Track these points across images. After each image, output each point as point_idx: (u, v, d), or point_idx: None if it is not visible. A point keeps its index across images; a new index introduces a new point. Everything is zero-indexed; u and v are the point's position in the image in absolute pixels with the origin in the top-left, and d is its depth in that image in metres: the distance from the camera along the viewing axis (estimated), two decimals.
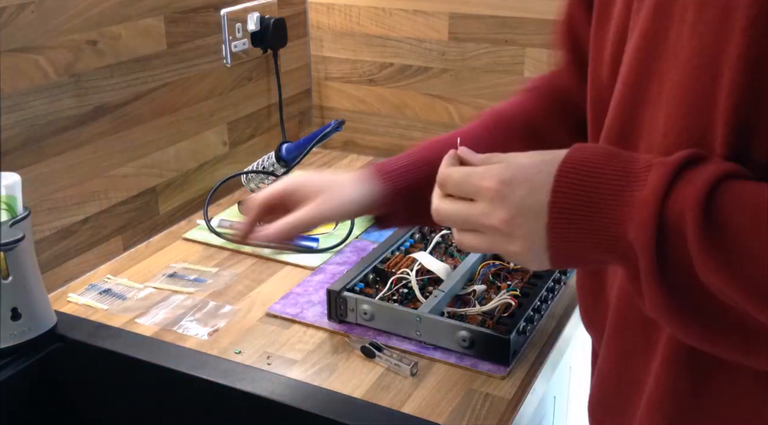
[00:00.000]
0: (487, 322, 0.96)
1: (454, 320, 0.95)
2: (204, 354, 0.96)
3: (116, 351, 0.97)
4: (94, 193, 1.18)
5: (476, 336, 0.93)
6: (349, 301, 1.00)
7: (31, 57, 1.05)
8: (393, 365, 0.93)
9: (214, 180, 1.40)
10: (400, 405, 0.87)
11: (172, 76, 1.29)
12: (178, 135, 1.33)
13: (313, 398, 0.87)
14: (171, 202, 1.33)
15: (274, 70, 1.53)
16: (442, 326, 0.95)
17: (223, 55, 1.40)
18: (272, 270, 1.17)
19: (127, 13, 1.18)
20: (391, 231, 1.26)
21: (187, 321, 1.04)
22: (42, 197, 1.10)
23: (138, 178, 1.26)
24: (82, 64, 1.12)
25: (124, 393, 0.99)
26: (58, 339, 1.00)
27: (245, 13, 1.43)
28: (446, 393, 0.89)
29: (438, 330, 0.95)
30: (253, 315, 1.05)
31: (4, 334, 0.95)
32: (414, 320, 0.96)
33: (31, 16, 1.04)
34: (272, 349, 0.98)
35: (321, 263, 1.18)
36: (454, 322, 0.94)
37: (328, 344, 0.99)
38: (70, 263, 1.16)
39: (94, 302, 1.09)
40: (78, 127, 1.13)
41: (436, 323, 0.95)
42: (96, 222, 1.19)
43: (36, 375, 0.97)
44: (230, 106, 1.44)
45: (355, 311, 0.99)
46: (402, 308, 0.98)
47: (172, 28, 1.27)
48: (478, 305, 1.00)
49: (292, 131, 1.62)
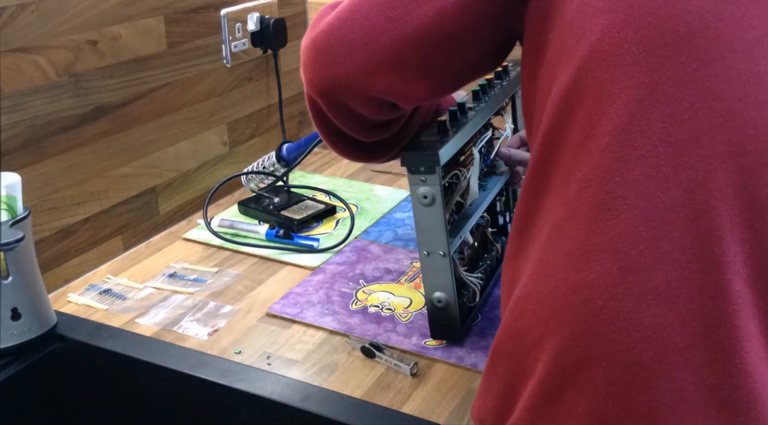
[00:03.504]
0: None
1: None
2: (204, 354, 0.96)
3: (116, 351, 0.97)
4: (94, 193, 1.18)
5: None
6: None
7: (31, 57, 1.05)
8: (393, 365, 0.93)
9: (214, 180, 1.40)
10: (400, 405, 0.87)
11: (172, 77, 1.29)
12: (178, 135, 1.33)
13: (313, 398, 0.88)
14: (171, 202, 1.33)
15: (274, 70, 1.53)
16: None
17: (223, 55, 1.40)
18: (272, 270, 1.17)
19: (127, 13, 1.19)
20: (391, 232, 1.26)
21: (187, 321, 1.04)
22: (42, 197, 1.10)
23: (138, 178, 1.26)
24: (82, 64, 1.12)
25: (125, 393, 0.99)
26: (58, 339, 1.00)
27: (245, 13, 1.43)
28: (446, 393, 0.89)
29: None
30: (253, 315, 1.05)
31: (4, 334, 0.95)
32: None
33: (31, 16, 1.04)
34: (272, 349, 0.98)
35: (321, 263, 1.18)
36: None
37: (328, 344, 0.99)
38: (70, 263, 1.16)
39: (94, 302, 1.09)
40: (78, 127, 1.13)
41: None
42: (96, 222, 1.19)
43: (36, 375, 0.97)
44: (230, 106, 1.44)
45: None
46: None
47: (172, 28, 1.27)
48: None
49: (292, 131, 1.62)
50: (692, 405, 0.58)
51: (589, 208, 0.62)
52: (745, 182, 0.59)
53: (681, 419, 0.58)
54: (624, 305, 0.59)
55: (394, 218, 1.32)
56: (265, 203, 1.33)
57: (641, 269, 0.59)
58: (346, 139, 0.89)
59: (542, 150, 0.67)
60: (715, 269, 0.58)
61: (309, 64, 0.78)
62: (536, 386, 0.63)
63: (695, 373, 0.58)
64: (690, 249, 0.58)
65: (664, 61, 0.60)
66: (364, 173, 1.52)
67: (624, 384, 0.59)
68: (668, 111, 0.60)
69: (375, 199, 1.40)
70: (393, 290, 1.10)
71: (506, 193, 1.18)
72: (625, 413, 0.59)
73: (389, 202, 1.38)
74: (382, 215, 1.33)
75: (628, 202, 0.60)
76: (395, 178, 1.49)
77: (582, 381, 0.60)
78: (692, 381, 0.58)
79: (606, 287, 0.60)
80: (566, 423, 0.61)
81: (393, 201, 1.39)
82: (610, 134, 0.61)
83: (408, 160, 0.88)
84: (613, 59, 0.62)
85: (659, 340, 0.58)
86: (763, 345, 0.59)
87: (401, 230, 1.28)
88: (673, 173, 0.59)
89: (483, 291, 1.01)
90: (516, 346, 0.66)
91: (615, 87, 0.62)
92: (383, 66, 0.74)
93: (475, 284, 0.98)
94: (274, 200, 1.33)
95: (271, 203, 1.33)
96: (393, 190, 1.43)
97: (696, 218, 0.59)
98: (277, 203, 1.33)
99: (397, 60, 0.73)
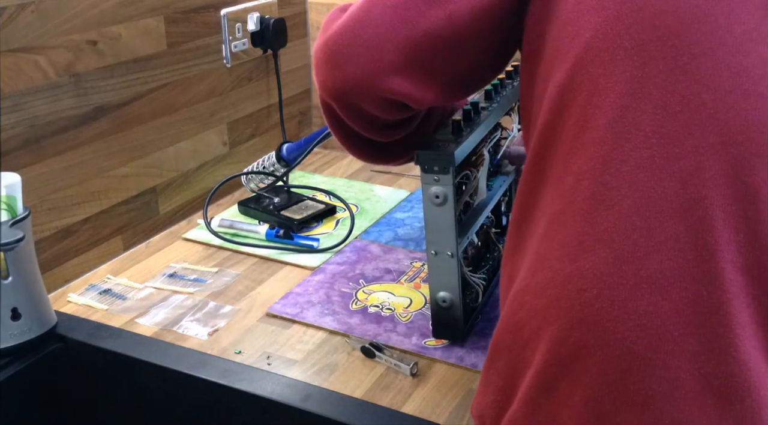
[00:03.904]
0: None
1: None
2: (204, 354, 0.96)
3: (116, 351, 0.97)
4: (94, 193, 1.18)
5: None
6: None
7: (31, 57, 1.05)
8: (393, 365, 0.93)
9: (214, 180, 1.40)
10: (400, 405, 0.87)
11: (172, 77, 1.29)
12: (178, 135, 1.33)
13: (313, 398, 0.88)
14: (171, 202, 1.33)
15: (274, 70, 1.53)
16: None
17: (223, 55, 1.40)
18: (272, 270, 1.17)
19: (127, 13, 1.19)
20: (391, 232, 1.26)
21: (187, 321, 1.04)
22: (42, 197, 1.10)
23: (138, 178, 1.26)
24: (82, 64, 1.12)
25: (125, 394, 0.99)
26: (58, 339, 1.00)
27: (245, 13, 1.43)
28: (446, 393, 0.89)
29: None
30: (253, 315, 1.05)
31: (4, 334, 0.95)
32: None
33: (31, 16, 1.04)
34: (272, 349, 0.98)
35: (321, 263, 1.18)
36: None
37: (328, 344, 0.99)
38: (70, 263, 1.16)
39: (94, 302, 1.09)
40: (78, 127, 1.13)
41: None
42: (96, 222, 1.19)
43: (36, 375, 0.97)
44: (230, 106, 1.44)
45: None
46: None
47: (172, 28, 1.27)
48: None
49: (292, 131, 1.62)
50: (688, 394, 0.59)
51: (584, 200, 0.62)
52: (737, 172, 0.59)
53: (676, 407, 0.59)
54: (618, 294, 0.60)
55: (394, 218, 1.32)
56: (265, 203, 1.33)
57: (635, 259, 0.60)
58: (362, 141, 0.89)
59: (539, 146, 0.68)
60: (708, 257, 0.59)
61: (322, 66, 0.78)
62: (533, 377, 0.63)
63: (690, 361, 0.59)
64: (684, 238, 0.59)
65: (655, 55, 0.61)
66: (364, 173, 1.52)
67: (619, 373, 0.59)
68: (660, 103, 0.61)
69: (375, 199, 1.40)
70: (393, 290, 1.10)
71: (510, 193, 1.18)
72: (620, 401, 0.60)
73: (389, 202, 1.38)
74: (382, 215, 1.33)
75: (622, 193, 0.61)
76: (395, 178, 1.49)
77: (577, 371, 0.61)
78: (687, 369, 0.59)
79: (601, 277, 0.60)
80: (562, 412, 0.62)
81: (393, 201, 1.39)
82: (604, 127, 0.62)
83: (422, 159, 0.88)
84: (606, 55, 0.63)
85: (654, 329, 0.59)
86: (756, 333, 0.60)
87: (401, 230, 1.28)
88: (665, 164, 0.60)
89: (485, 292, 1.01)
90: (514, 339, 0.66)
91: (608, 81, 0.63)
92: (396, 67, 0.74)
93: (478, 285, 0.98)
94: (274, 200, 1.33)
95: (271, 203, 1.33)
96: (393, 190, 1.43)
97: (689, 208, 0.59)
98: (277, 203, 1.33)
99: (409, 61, 0.74)
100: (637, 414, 0.59)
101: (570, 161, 0.64)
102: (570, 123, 0.65)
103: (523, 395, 0.64)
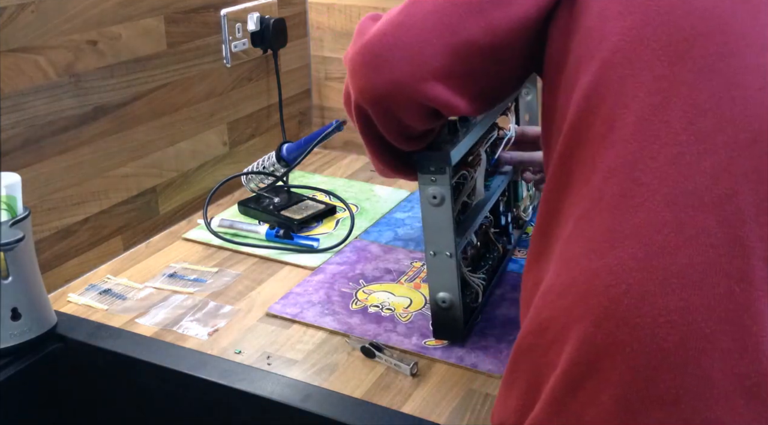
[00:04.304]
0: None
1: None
2: (204, 354, 0.96)
3: (116, 351, 0.97)
4: (94, 193, 1.18)
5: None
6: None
7: (31, 57, 1.05)
8: (393, 365, 0.93)
9: (214, 180, 1.40)
10: (400, 405, 0.87)
11: (172, 77, 1.29)
12: (178, 135, 1.33)
13: (313, 398, 0.88)
14: (171, 202, 1.33)
15: (274, 70, 1.53)
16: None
17: (223, 55, 1.40)
18: (272, 270, 1.17)
19: (127, 13, 1.18)
20: (391, 232, 1.26)
21: (187, 321, 1.04)
22: (42, 197, 1.10)
23: (138, 178, 1.26)
24: (82, 64, 1.12)
25: (125, 394, 0.99)
26: (58, 339, 1.00)
27: (245, 13, 1.43)
28: (446, 393, 0.89)
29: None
30: (253, 315, 1.05)
31: (4, 334, 0.95)
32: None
33: (31, 16, 1.04)
34: (272, 349, 0.98)
35: (321, 263, 1.18)
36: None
37: (328, 344, 0.99)
38: (70, 263, 1.16)
39: (94, 302, 1.09)
40: (78, 127, 1.13)
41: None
42: (96, 222, 1.19)
43: (36, 375, 0.97)
44: (230, 106, 1.44)
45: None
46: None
47: (172, 28, 1.27)
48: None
49: (292, 131, 1.62)
50: (719, 393, 0.57)
51: (613, 196, 0.62)
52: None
53: (708, 406, 0.57)
54: (648, 289, 0.59)
55: (394, 218, 1.32)
56: (265, 203, 1.33)
57: (665, 253, 0.59)
58: (391, 152, 0.87)
59: (564, 150, 0.67)
60: (740, 253, 0.58)
61: (360, 70, 0.77)
62: (559, 377, 0.62)
63: (722, 359, 0.57)
64: (715, 233, 0.58)
65: (683, 55, 0.62)
66: (364, 173, 1.52)
67: (650, 370, 0.58)
68: (690, 101, 0.61)
69: (375, 199, 1.40)
70: (393, 290, 1.10)
71: (508, 193, 1.18)
72: (650, 400, 0.58)
73: (389, 202, 1.38)
74: (382, 215, 1.33)
75: (653, 188, 0.60)
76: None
77: (606, 369, 0.59)
78: (719, 367, 0.57)
79: (630, 272, 0.59)
80: (588, 412, 0.60)
81: (393, 201, 1.39)
82: (633, 124, 0.62)
83: (419, 159, 0.88)
84: (634, 55, 0.63)
85: (684, 325, 0.57)
86: None
87: (401, 230, 1.28)
88: (696, 160, 0.60)
89: (485, 291, 1.01)
90: (538, 341, 0.65)
91: (636, 81, 0.63)
92: (436, 73, 0.73)
93: (478, 285, 0.98)
94: (274, 200, 1.33)
95: (271, 203, 1.33)
96: (393, 190, 1.43)
97: (720, 203, 0.59)
98: (277, 203, 1.33)
99: (448, 68, 0.73)
100: (668, 413, 0.58)
101: (598, 161, 0.64)
102: (598, 124, 0.64)
103: (546, 396, 0.63)
